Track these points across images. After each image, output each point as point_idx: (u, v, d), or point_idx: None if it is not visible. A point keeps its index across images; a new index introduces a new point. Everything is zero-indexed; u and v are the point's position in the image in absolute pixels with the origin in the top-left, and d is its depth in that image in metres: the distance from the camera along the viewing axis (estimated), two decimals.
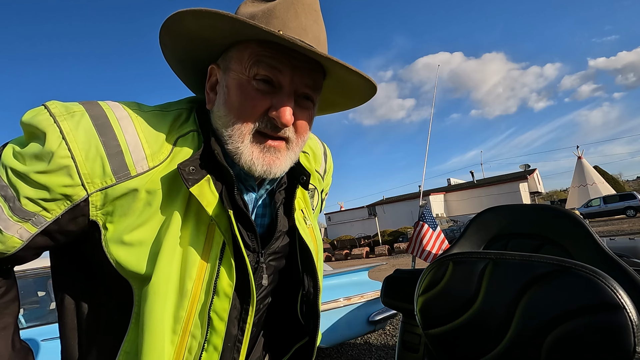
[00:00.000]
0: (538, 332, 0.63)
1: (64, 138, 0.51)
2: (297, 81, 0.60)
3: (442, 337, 0.76)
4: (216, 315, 0.58)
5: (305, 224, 0.72)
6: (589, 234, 1.02)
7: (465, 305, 0.74)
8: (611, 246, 1.93)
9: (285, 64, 0.58)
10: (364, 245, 19.17)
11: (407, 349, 1.17)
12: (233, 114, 0.59)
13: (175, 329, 0.56)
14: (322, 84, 0.66)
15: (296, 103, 0.61)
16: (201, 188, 0.57)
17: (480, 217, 1.23)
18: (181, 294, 0.56)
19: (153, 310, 0.55)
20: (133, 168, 0.55)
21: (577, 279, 0.62)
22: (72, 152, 0.51)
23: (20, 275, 1.99)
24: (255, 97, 0.58)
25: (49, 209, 0.54)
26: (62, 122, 0.52)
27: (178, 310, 0.56)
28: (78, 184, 0.53)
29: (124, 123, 0.56)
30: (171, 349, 0.56)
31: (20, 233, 0.54)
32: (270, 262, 0.69)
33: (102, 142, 0.53)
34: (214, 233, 0.59)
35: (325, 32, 0.67)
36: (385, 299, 1.22)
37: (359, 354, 3.60)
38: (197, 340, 0.57)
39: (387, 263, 5.03)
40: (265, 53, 0.58)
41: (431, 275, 0.81)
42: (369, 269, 3.51)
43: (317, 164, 0.86)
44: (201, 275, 0.57)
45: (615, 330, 0.57)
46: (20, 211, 0.53)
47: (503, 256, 0.73)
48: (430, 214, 4.68)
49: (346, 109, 0.80)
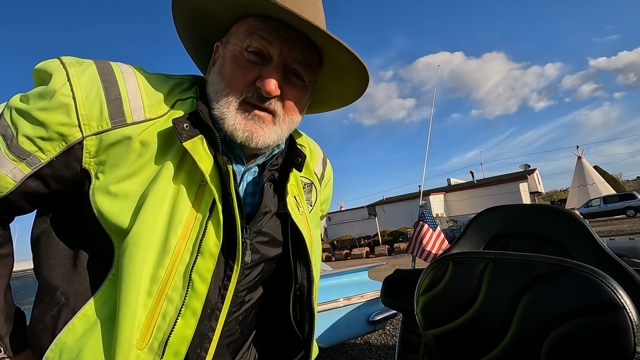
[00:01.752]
0: (538, 332, 0.63)
1: (68, 80, 0.55)
2: (287, 54, 0.62)
3: (442, 337, 0.76)
4: (198, 276, 0.56)
5: (299, 210, 0.71)
6: (589, 234, 1.02)
7: (466, 305, 0.74)
8: (611, 246, 1.93)
9: (276, 36, 0.61)
10: (364, 245, 19.16)
11: (407, 349, 1.17)
12: (224, 82, 0.62)
13: (151, 291, 0.53)
14: (316, 64, 0.67)
15: (286, 78, 0.63)
16: (194, 144, 0.58)
17: (480, 217, 1.23)
18: (163, 252, 0.54)
19: (131, 267, 0.53)
20: (129, 115, 0.57)
21: (577, 279, 0.62)
22: (73, 92, 0.54)
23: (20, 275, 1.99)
24: (245, 67, 0.61)
25: (44, 149, 0.55)
26: (69, 67, 0.56)
27: (157, 269, 0.54)
28: (75, 124, 0.55)
29: (127, 76, 0.59)
30: (143, 313, 0.53)
31: (14, 173, 0.55)
32: (257, 243, 0.67)
33: (104, 87, 0.56)
34: (204, 193, 0.59)
35: (324, 17, 0.68)
36: (385, 299, 1.22)
37: (359, 354, 3.60)
38: (174, 304, 0.55)
39: (387, 263, 5.03)
40: (259, 26, 0.61)
41: (431, 275, 0.81)
42: (369, 269, 3.51)
43: (313, 162, 0.85)
44: (186, 234, 0.56)
45: (615, 330, 0.57)
46: (17, 149, 0.54)
47: (503, 256, 0.73)
48: (430, 214, 4.68)
49: (345, 102, 0.80)
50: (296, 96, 0.65)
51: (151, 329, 0.54)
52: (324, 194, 0.89)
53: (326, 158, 0.93)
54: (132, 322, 0.52)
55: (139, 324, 0.52)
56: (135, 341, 0.52)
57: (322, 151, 0.92)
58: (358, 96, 0.76)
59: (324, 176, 0.90)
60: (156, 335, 0.54)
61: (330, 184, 0.93)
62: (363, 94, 0.75)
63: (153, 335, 0.54)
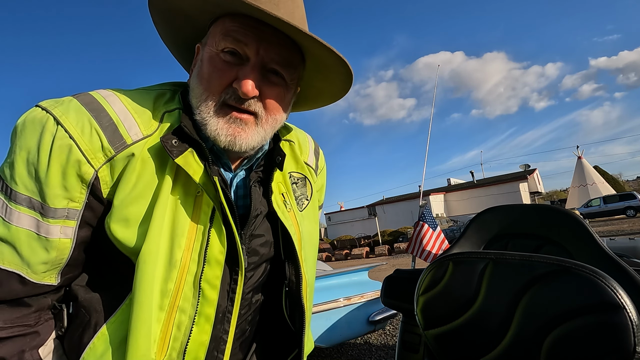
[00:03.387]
0: (538, 332, 0.63)
1: (58, 122, 0.54)
2: (264, 54, 0.60)
3: (442, 337, 0.76)
4: (207, 284, 0.58)
5: (285, 207, 0.71)
6: (589, 234, 1.02)
7: (466, 305, 0.74)
8: (611, 246, 1.93)
9: (251, 37, 0.59)
10: (364, 245, 19.16)
11: (407, 349, 1.17)
12: (202, 85, 0.61)
13: (162, 305, 0.55)
14: (297, 61, 0.66)
15: (265, 77, 0.62)
16: (186, 158, 0.58)
17: (480, 217, 1.23)
18: (170, 265, 0.56)
19: (142, 285, 0.54)
20: (128, 136, 0.57)
21: (577, 279, 0.62)
22: (68, 132, 0.53)
23: None
24: (222, 69, 0.60)
25: (73, 197, 0.55)
26: (53, 110, 0.55)
27: (166, 283, 0.55)
28: (84, 162, 0.54)
29: (110, 99, 0.59)
30: (157, 327, 0.54)
31: (64, 232, 0.55)
32: (253, 246, 0.67)
33: (94, 116, 0.56)
34: (202, 203, 0.59)
35: (304, 12, 0.68)
36: (385, 299, 1.22)
37: (359, 354, 3.60)
38: (187, 314, 0.56)
39: (387, 263, 5.03)
40: (233, 27, 0.60)
41: (431, 275, 0.81)
42: (369, 269, 3.51)
43: (303, 154, 0.85)
44: (190, 245, 0.57)
45: (615, 330, 0.57)
46: (52, 211, 0.54)
47: (503, 256, 0.73)
48: (430, 214, 4.68)
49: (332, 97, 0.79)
50: (277, 95, 0.64)
51: (167, 340, 0.55)
52: (318, 182, 0.89)
53: (318, 147, 0.92)
54: (148, 337, 0.53)
55: (154, 337, 0.54)
56: (153, 355, 0.54)
57: (313, 141, 0.91)
58: (344, 92, 0.75)
59: (318, 166, 0.89)
60: (173, 345, 0.56)
61: (324, 172, 0.93)
62: (349, 90, 0.73)
63: (170, 346, 0.56)
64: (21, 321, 0.56)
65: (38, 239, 0.54)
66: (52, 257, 0.55)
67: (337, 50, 0.62)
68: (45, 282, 0.57)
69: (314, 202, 0.82)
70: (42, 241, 0.54)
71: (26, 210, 0.54)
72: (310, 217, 0.79)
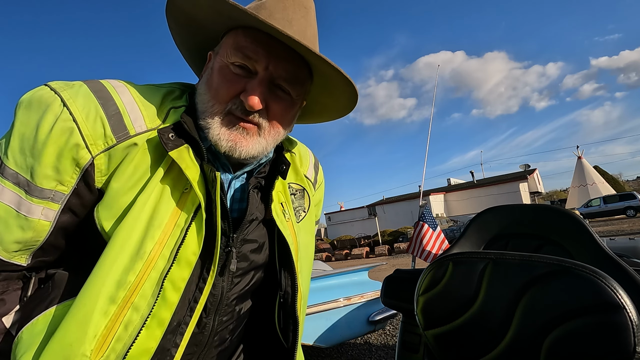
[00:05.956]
0: (538, 332, 0.63)
1: (64, 104, 0.54)
2: (272, 70, 0.62)
3: (442, 337, 0.76)
4: (171, 284, 0.54)
5: (284, 217, 0.70)
6: (589, 234, 1.02)
7: (466, 305, 0.74)
8: (611, 246, 1.93)
9: (261, 53, 0.61)
10: (364, 245, 19.16)
11: (407, 349, 1.17)
12: (210, 93, 0.63)
13: (115, 297, 0.51)
14: (304, 77, 0.68)
15: (272, 92, 0.63)
16: (180, 153, 0.58)
17: (480, 217, 1.23)
18: (137, 256, 0.53)
19: (98, 270, 0.51)
20: (132, 127, 0.58)
21: (577, 279, 0.62)
22: (73, 115, 0.54)
23: None
24: (231, 80, 0.62)
25: (63, 180, 0.55)
26: (62, 92, 0.55)
27: (127, 273, 0.52)
28: (82, 146, 0.54)
29: (120, 90, 0.60)
30: (102, 321, 0.50)
31: (45, 213, 0.55)
32: (244, 251, 0.66)
33: (101, 104, 0.56)
34: (187, 200, 0.58)
35: (316, 30, 0.69)
36: (385, 299, 1.22)
37: (359, 354, 3.60)
38: (140, 313, 0.52)
39: (387, 263, 5.02)
40: (245, 42, 0.61)
41: (431, 275, 0.81)
42: (369, 269, 3.51)
43: (304, 167, 0.86)
44: (164, 240, 0.55)
45: (615, 330, 0.57)
46: (37, 191, 0.54)
47: (503, 256, 0.73)
48: (430, 214, 4.68)
49: (337, 114, 0.81)
50: (282, 109, 0.65)
51: (109, 339, 0.50)
52: (316, 197, 0.89)
53: (318, 163, 0.94)
54: (85, 329, 0.49)
55: (95, 332, 0.49)
56: (88, 352, 0.49)
57: (313, 156, 0.92)
58: (348, 110, 0.77)
59: (317, 180, 0.90)
60: (114, 346, 0.51)
61: (322, 188, 0.94)
62: (353, 108, 0.76)
63: (111, 347, 0.50)
64: None
65: (17, 216, 0.53)
66: (27, 238, 0.54)
67: (343, 71, 0.64)
68: (15, 261, 0.55)
69: (311, 215, 0.83)
70: (20, 219, 0.53)
71: (11, 185, 0.53)
72: (306, 230, 0.79)
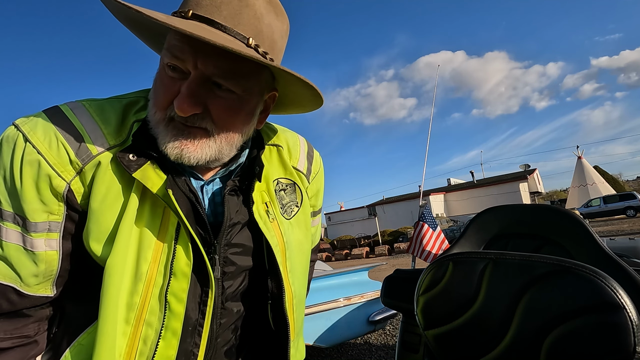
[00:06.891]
0: (538, 332, 0.63)
1: (26, 139, 0.54)
2: (202, 67, 0.55)
3: (442, 337, 0.76)
4: (174, 297, 0.57)
5: (268, 217, 0.68)
6: (589, 234, 1.02)
7: (466, 305, 0.74)
8: (611, 246, 1.93)
9: (187, 51, 0.55)
10: (364, 245, 19.17)
11: (407, 349, 1.17)
12: (153, 99, 0.60)
13: (129, 318, 0.55)
14: (248, 69, 0.59)
15: (209, 91, 0.57)
16: (144, 172, 0.57)
17: (480, 217, 1.23)
18: (136, 278, 0.55)
19: (107, 298, 0.54)
20: (94, 147, 0.57)
21: (577, 279, 0.62)
22: (36, 147, 0.54)
23: None
24: (166, 84, 0.58)
25: (52, 210, 0.56)
26: (23, 127, 0.56)
27: (132, 296, 0.55)
28: (54, 175, 0.54)
29: (76, 111, 0.59)
30: (123, 341, 0.54)
31: (49, 244, 0.56)
32: (229, 255, 0.65)
33: (59, 130, 0.56)
34: (170, 215, 0.59)
35: (268, 5, 0.61)
36: (385, 299, 1.22)
37: (359, 354, 3.60)
38: (154, 328, 0.56)
39: (387, 263, 5.03)
40: (175, 39, 0.56)
41: (431, 275, 0.81)
42: (369, 269, 3.51)
43: (293, 159, 0.80)
44: (157, 257, 0.57)
45: (615, 330, 0.57)
46: (33, 226, 0.55)
47: (503, 256, 0.73)
48: (430, 214, 4.68)
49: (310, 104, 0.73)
50: (227, 108, 0.59)
51: (133, 355, 0.55)
52: (312, 187, 0.85)
53: (312, 150, 0.87)
54: (112, 351, 0.53)
55: (120, 352, 0.54)
56: None
57: (306, 143, 0.86)
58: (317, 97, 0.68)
59: (311, 170, 0.84)
60: None
61: (320, 176, 0.87)
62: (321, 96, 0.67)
63: None
64: (21, 332, 0.57)
65: (26, 252, 0.55)
66: (42, 270, 0.56)
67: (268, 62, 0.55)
68: (41, 293, 0.58)
69: (305, 208, 0.79)
70: (29, 254, 0.55)
71: (12, 225, 0.55)
72: (301, 224, 0.76)
